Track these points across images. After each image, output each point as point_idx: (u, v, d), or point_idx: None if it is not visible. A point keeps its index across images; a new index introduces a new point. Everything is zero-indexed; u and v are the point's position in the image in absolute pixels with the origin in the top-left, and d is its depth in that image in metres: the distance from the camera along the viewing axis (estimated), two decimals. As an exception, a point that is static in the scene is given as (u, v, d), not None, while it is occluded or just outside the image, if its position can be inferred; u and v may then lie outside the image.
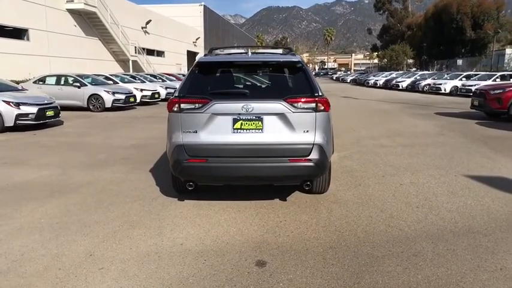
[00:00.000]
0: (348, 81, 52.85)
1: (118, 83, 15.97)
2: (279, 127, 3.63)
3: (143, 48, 28.85)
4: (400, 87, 31.09)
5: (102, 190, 4.74)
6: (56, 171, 5.58)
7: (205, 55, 4.30)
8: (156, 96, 16.87)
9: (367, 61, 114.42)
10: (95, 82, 14.69)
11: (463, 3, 45.78)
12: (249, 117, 3.61)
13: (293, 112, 3.59)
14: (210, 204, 4.19)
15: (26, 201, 4.34)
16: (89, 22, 22.96)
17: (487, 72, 27.37)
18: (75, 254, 3.08)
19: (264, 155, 3.62)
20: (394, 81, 32.69)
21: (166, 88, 18.30)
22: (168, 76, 22.25)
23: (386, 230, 3.53)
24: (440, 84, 25.97)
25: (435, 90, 25.99)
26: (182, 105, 3.64)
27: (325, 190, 4.40)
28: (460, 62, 50.55)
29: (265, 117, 3.61)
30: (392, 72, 40.81)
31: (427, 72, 36.32)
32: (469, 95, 22.25)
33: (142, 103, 16.01)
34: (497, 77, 22.64)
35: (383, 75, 39.55)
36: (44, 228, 3.59)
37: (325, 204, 4.23)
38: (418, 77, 31.32)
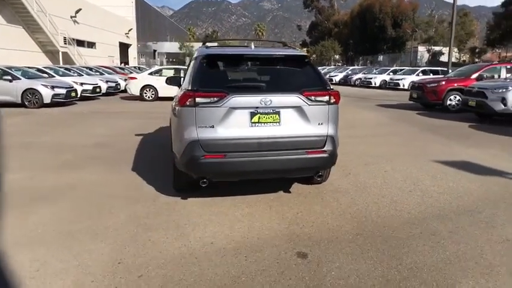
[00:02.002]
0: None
1: (54, 76, 14.60)
2: (296, 120, 3.67)
3: (73, 39, 26.61)
4: (334, 81, 32.77)
5: (91, 193, 4.36)
6: (26, 175, 4.99)
7: (206, 47, 4.15)
8: (98, 90, 15.74)
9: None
10: (27, 75, 13.26)
11: (384, 3, 49.68)
12: (266, 111, 3.59)
13: (309, 105, 3.67)
14: (217, 201, 4.10)
15: (7, 211, 3.83)
16: (11, 8, 20.52)
17: (411, 68, 30.09)
18: (101, 264, 2.83)
19: (281, 148, 3.64)
20: (328, 76, 34.36)
21: (107, 82, 17.16)
22: (105, 69, 20.86)
23: (396, 214, 3.78)
24: (371, 78, 27.99)
25: (366, 84, 27.93)
26: (197, 99, 3.49)
27: (326, 179, 4.56)
28: (381, 58, 54.89)
29: (282, 111, 3.63)
30: (324, 67, 42.85)
31: (357, 67, 38.82)
32: (396, 88, 24.45)
33: (82, 98, 14.82)
34: (419, 72, 25.06)
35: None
36: (48, 239, 3.23)
37: (328, 193, 4.38)
38: (350, 72, 33.35)
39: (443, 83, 11.89)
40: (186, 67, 19.04)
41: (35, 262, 2.84)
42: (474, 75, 11.53)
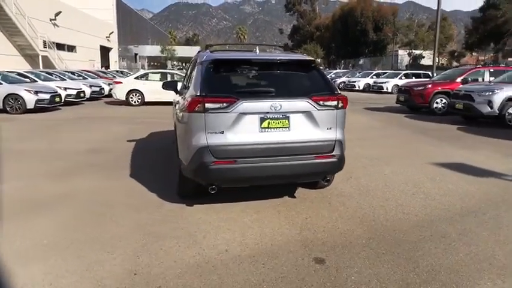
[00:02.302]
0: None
1: (36, 81, 14.19)
2: (305, 125, 3.67)
3: (53, 43, 25.96)
4: (318, 85, 33.05)
5: (91, 201, 4.23)
6: (20, 183, 4.80)
7: (211, 52, 4.11)
8: (82, 95, 15.38)
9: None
10: (8, 80, 12.85)
11: (366, 7, 50.63)
12: (276, 116, 3.58)
13: (318, 110, 3.67)
14: (224, 207, 4.05)
15: (6, 221, 3.67)
16: (-13, 11, 19.90)
17: (394, 71, 30.67)
18: (116, 275, 2.74)
19: (291, 153, 3.63)
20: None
21: (90, 86, 16.78)
22: (87, 73, 20.43)
23: (404, 217, 3.82)
24: (355, 81, 28.39)
25: (350, 88, 28.28)
26: (207, 105, 3.44)
27: (330, 184, 4.56)
28: (362, 61, 55.84)
29: (291, 116, 3.62)
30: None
31: (340, 70, 39.32)
32: (380, 91, 24.89)
33: (66, 103, 14.45)
34: (402, 75, 25.59)
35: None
36: (55, 250, 3.11)
37: (333, 197, 4.40)
38: (333, 75, 33.74)
39: (430, 86, 12.17)
40: (172, 71, 18.87)
41: (47, 275, 2.73)
42: (459, 79, 11.84)
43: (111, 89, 16.51)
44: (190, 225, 3.61)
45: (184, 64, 72.07)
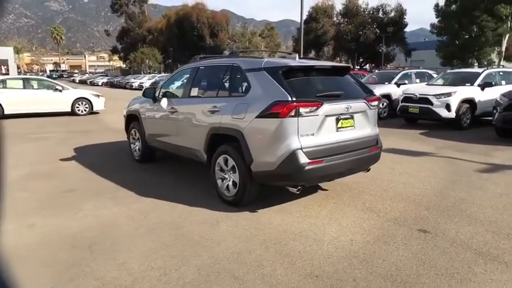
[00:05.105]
0: (100, 84, 49.64)
1: None
2: (363, 123, 4.25)
3: None
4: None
5: (148, 227, 3.71)
6: (19, 224, 3.67)
7: (257, 58, 4.18)
8: None
9: (106, 63, 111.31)
10: None
11: (201, 13, 52.73)
12: (346, 116, 4.04)
13: (370, 109, 4.31)
14: (286, 208, 4.23)
15: (82, 267, 2.93)
16: None
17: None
18: (295, 280, 2.75)
19: (356, 149, 4.15)
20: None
21: None
22: None
23: (421, 193, 4.81)
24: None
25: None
26: (301, 110, 3.62)
27: None
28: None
29: (355, 115, 4.14)
30: (155, 74, 42.15)
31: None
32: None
33: None
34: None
35: (146, 77, 40.21)
36: (203, 275, 2.78)
37: (355, 185, 5.08)
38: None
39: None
40: (38, 77, 15.75)
41: None
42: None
43: None
44: (288, 227, 3.71)
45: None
